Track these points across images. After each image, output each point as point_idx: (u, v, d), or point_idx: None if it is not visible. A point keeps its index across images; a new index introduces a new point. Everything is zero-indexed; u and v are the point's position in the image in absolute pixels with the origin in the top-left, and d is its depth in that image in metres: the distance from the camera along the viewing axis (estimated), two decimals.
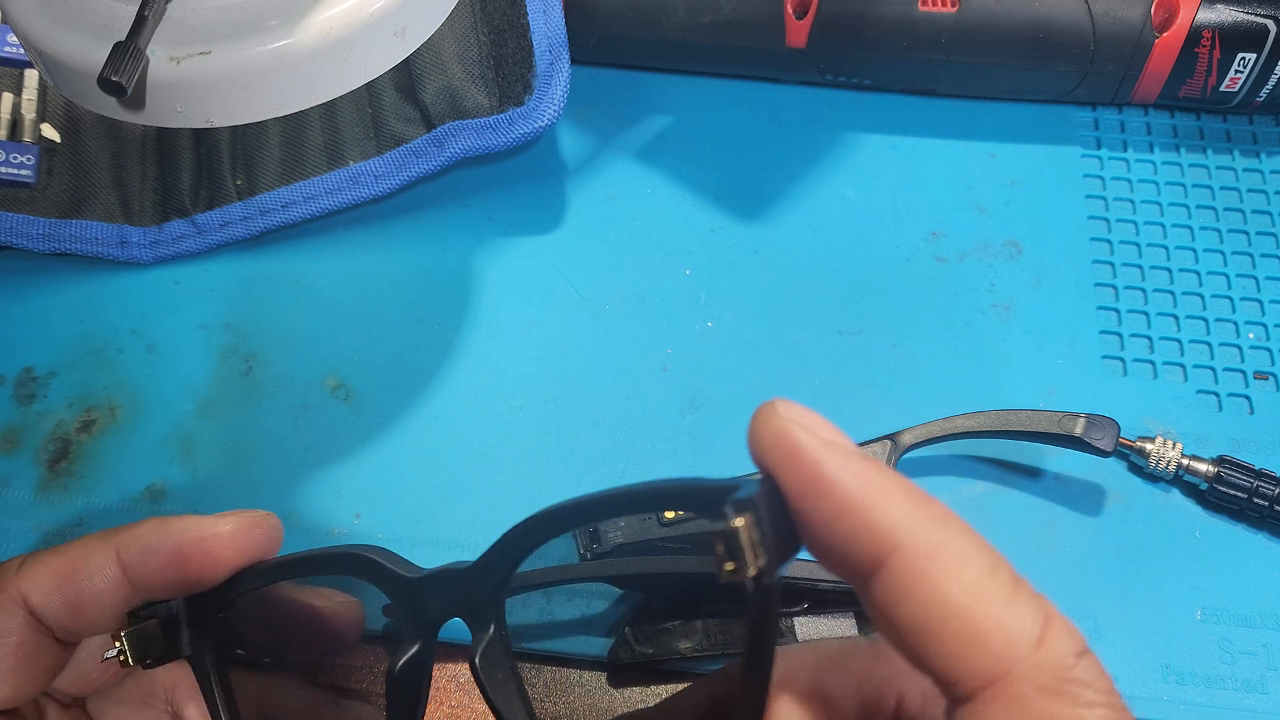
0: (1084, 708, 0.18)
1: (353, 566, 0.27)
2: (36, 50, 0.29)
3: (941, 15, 0.45)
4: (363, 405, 0.41)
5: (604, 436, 0.40)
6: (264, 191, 0.44)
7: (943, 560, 0.18)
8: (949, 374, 0.42)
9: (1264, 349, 0.42)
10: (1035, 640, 0.18)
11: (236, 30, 0.28)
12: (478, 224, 0.45)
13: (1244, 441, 0.40)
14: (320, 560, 0.28)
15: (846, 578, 0.19)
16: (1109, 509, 0.39)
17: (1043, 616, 0.18)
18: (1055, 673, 0.18)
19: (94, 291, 0.43)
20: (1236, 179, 0.47)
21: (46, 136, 0.44)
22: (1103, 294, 0.44)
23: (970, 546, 0.19)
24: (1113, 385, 0.41)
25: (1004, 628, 0.18)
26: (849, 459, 0.19)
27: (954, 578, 0.18)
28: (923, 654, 0.18)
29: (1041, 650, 0.18)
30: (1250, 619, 0.37)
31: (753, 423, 0.20)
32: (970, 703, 0.18)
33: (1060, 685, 0.18)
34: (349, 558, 0.27)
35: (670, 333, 0.43)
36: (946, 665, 0.18)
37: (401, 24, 0.30)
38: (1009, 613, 0.18)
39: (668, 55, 0.48)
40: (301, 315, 0.43)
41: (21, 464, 0.39)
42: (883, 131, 0.48)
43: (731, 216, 0.46)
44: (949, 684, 0.18)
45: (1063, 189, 0.46)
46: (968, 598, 0.18)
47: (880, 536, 0.18)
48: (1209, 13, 0.44)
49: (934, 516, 0.19)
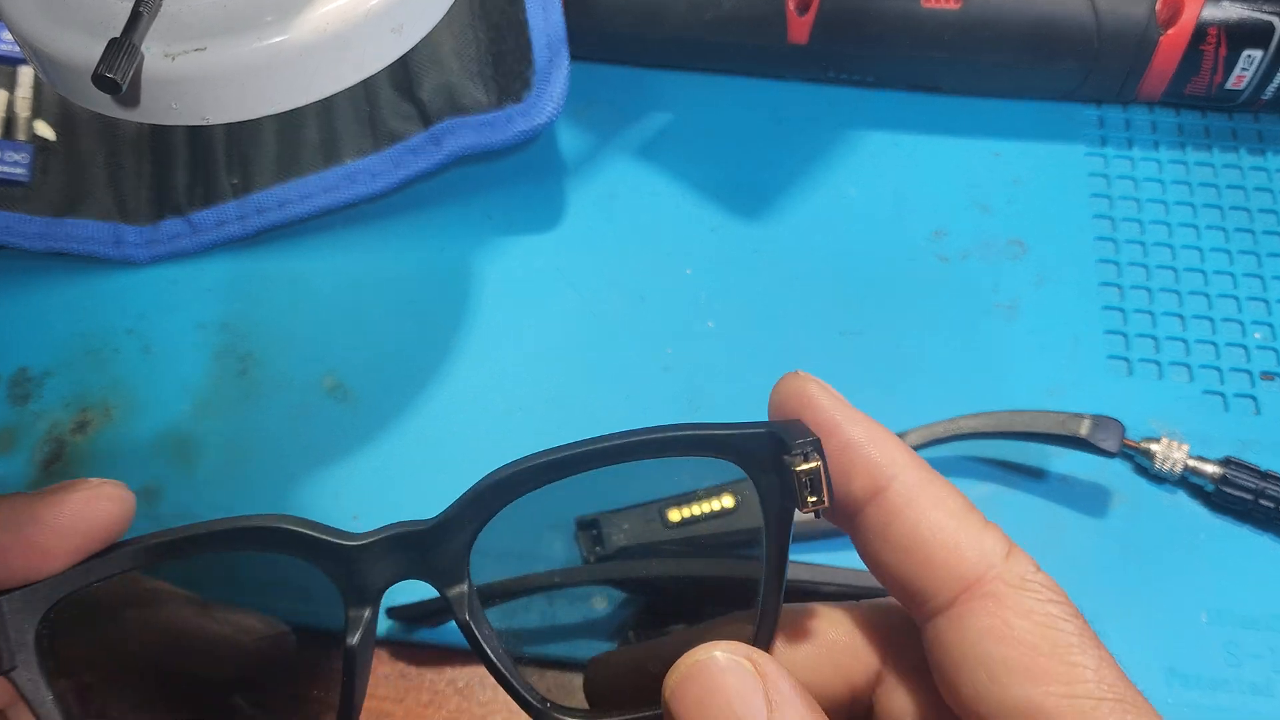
0: (1048, 602, 0.21)
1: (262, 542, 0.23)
2: (31, 47, 0.29)
3: (945, 12, 0.44)
4: (360, 405, 0.41)
5: None
6: (260, 190, 0.44)
7: (929, 492, 0.22)
8: (952, 374, 0.41)
9: (1270, 349, 0.42)
10: (1004, 554, 0.22)
11: (232, 26, 0.28)
12: (476, 222, 0.45)
13: (1250, 442, 0.40)
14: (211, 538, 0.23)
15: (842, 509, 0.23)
16: (1114, 510, 0.39)
17: (1006, 541, 0.22)
18: (1022, 575, 0.22)
19: (89, 291, 0.43)
20: (1242, 177, 0.47)
21: (41, 134, 0.44)
22: (1107, 293, 0.43)
23: (949, 488, 0.22)
24: (1118, 385, 0.41)
25: (980, 543, 0.22)
26: (853, 411, 0.23)
27: (939, 505, 0.22)
28: (909, 569, 0.22)
29: (1009, 561, 0.22)
30: (1256, 621, 0.37)
31: (776, 386, 0.25)
32: (953, 607, 0.21)
33: (1026, 585, 0.22)
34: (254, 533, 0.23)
35: (670, 333, 0.42)
36: (930, 575, 0.22)
37: (399, 20, 0.29)
38: (983, 533, 0.22)
39: (668, 52, 0.48)
40: (299, 315, 0.43)
41: (16, 465, 0.39)
42: (885, 129, 0.48)
43: (732, 215, 0.45)
44: (930, 596, 0.22)
45: (1067, 187, 0.46)
46: (951, 520, 0.22)
47: (878, 470, 0.22)
48: (1214, 9, 0.44)
49: (920, 463, 0.23)
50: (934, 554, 0.22)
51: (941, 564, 0.22)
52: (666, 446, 0.24)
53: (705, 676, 0.21)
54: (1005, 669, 0.21)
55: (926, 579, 0.22)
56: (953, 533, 0.22)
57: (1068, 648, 0.21)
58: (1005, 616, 0.21)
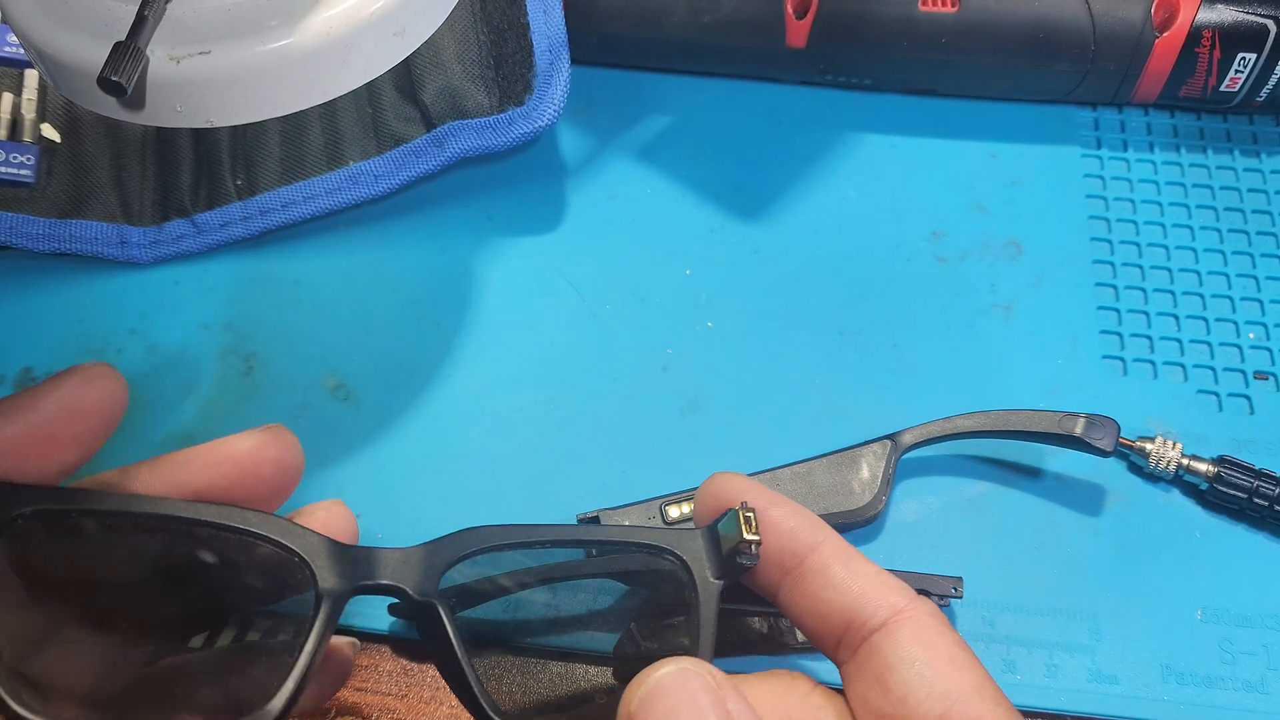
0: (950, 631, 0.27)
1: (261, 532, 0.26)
2: (36, 50, 0.29)
3: (942, 15, 0.45)
4: (363, 405, 0.41)
5: (604, 436, 0.40)
6: (264, 191, 0.44)
7: (851, 550, 0.28)
8: (949, 374, 0.42)
9: (1264, 349, 0.42)
10: (915, 594, 0.27)
11: (236, 30, 0.28)
12: (478, 224, 0.45)
13: (1244, 441, 0.40)
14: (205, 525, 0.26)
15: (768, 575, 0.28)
16: (1109, 509, 0.39)
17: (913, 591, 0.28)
18: (932, 609, 0.27)
19: (93, 291, 0.43)
20: (1237, 179, 0.47)
21: (46, 136, 0.44)
22: (1103, 294, 0.44)
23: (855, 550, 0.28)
24: (1113, 385, 0.42)
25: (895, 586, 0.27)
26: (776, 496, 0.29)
27: (860, 559, 0.28)
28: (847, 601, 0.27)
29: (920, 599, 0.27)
30: (1251, 619, 0.37)
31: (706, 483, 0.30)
32: (885, 626, 0.26)
33: (935, 614, 0.27)
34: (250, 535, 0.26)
35: (670, 333, 0.43)
36: (865, 605, 0.27)
37: (401, 24, 0.30)
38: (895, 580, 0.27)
39: (668, 55, 0.48)
40: (301, 315, 0.43)
41: None
42: (883, 131, 0.48)
43: (732, 216, 0.46)
44: (865, 620, 0.26)
45: (1063, 189, 0.47)
46: (872, 568, 0.27)
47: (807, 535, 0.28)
48: (1209, 13, 0.44)
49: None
50: (867, 588, 0.27)
51: (875, 595, 0.27)
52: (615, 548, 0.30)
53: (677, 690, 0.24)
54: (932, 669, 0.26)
55: (862, 608, 0.27)
56: (878, 574, 0.27)
57: (973, 662, 0.26)
58: (928, 635, 0.26)
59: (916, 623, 0.26)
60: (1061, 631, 0.36)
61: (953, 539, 0.38)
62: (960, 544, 0.38)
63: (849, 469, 0.38)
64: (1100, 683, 0.36)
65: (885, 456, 0.38)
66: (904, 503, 0.39)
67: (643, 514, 0.38)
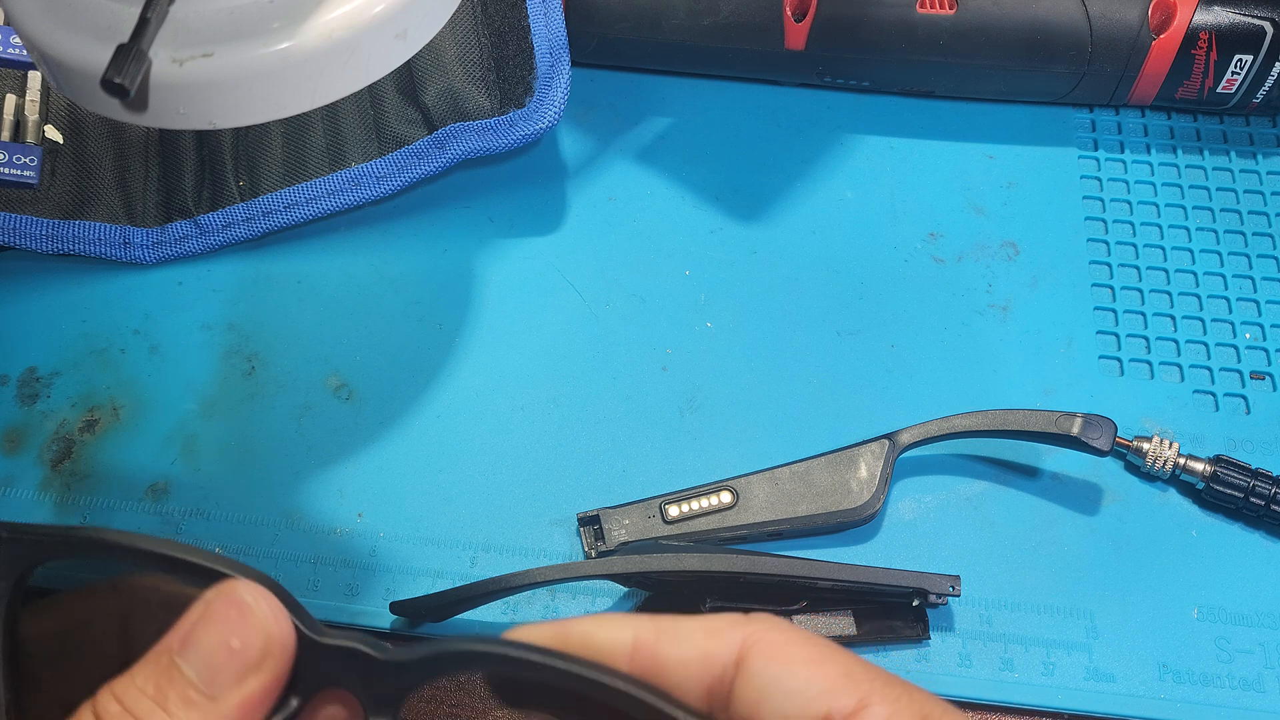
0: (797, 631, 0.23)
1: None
2: (39, 52, 0.29)
3: (939, 17, 0.45)
4: (365, 405, 0.41)
5: (604, 436, 0.40)
6: (266, 192, 0.44)
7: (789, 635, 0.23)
8: (947, 374, 0.42)
9: (1260, 349, 0.43)
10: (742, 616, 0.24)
11: (239, 32, 0.28)
12: (479, 225, 0.46)
13: (1240, 441, 0.40)
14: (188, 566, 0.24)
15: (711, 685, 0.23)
16: (1106, 508, 0.39)
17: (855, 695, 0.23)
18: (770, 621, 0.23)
19: (97, 292, 0.43)
20: (1233, 180, 0.47)
21: (49, 138, 0.44)
22: (1100, 294, 0.44)
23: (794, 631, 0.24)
24: (1109, 385, 0.42)
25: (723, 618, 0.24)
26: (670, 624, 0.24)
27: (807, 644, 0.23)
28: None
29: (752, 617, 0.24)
30: (1247, 617, 0.37)
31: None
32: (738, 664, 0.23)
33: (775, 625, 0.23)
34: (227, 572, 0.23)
35: (670, 333, 0.43)
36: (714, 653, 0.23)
37: (403, 26, 0.30)
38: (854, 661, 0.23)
39: (668, 57, 0.48)
40: (304, 315, 0.43)
41: (25, 464, 0.40)
42: (881, 133, 0.48)
43: (731, 218, 0.46)
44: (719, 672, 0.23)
45: (1060, 190, 0.47)
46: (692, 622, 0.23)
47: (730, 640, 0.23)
48: (1206, 14, 0.44)
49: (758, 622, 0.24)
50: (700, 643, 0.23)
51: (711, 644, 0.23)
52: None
53: None
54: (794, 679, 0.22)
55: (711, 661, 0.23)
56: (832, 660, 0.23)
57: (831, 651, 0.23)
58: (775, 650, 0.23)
59: (761, 645, 0.23)
60: (1058, 630, 0.37)
61: (950, 538, 0.38)
62: (958, 543, 0.38)
63: (847, 468, 0.38)
64: (1097, 681, 0.36)
65: (883, 456, 0.38)
66: (902, 502, 0.39)
67: (642, 513, 0.38)
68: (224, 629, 0.22)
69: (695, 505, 0.38)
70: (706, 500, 0.38)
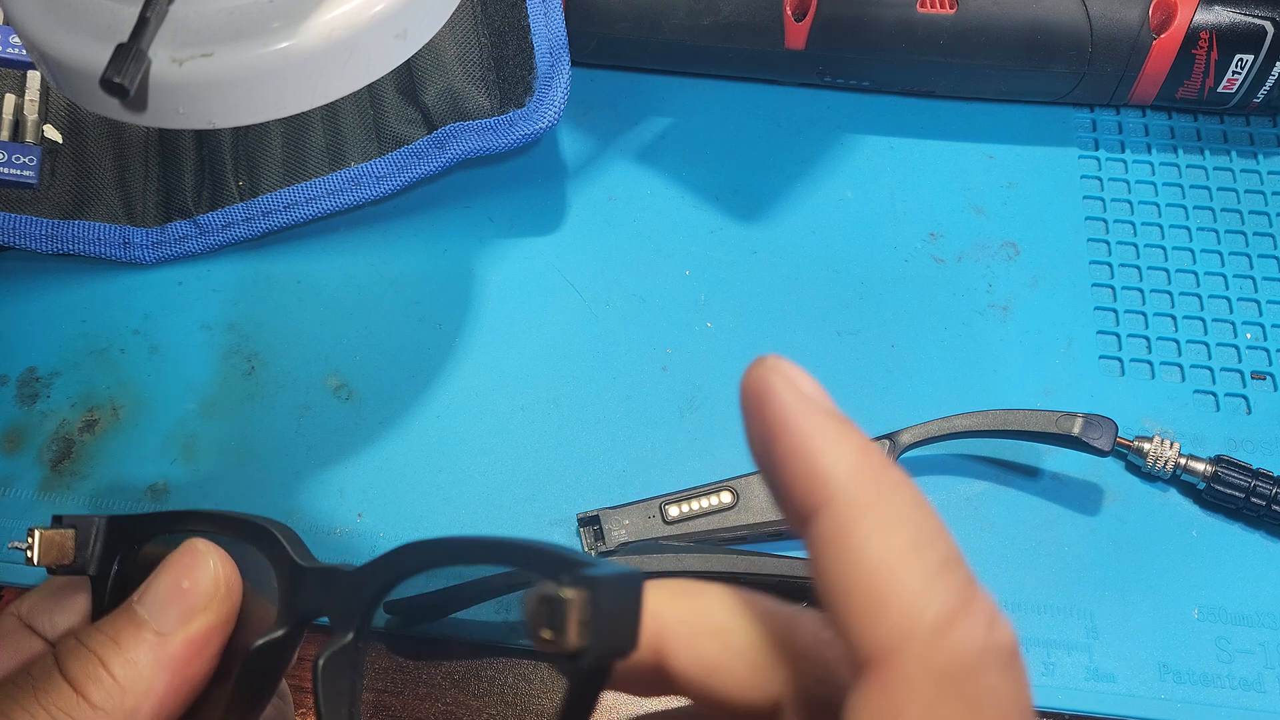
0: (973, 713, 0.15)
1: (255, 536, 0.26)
2: (39, 52, 0.29)
3: (940, 17, 0.45)
4: (364, 405, 0.41)
5: (604, 436, 0.40)
6: (266, 192, 0.44)
7: (870, 520, 0.17)
8: (947, 374, 0.42)
9: (1261, 349, 0.43)
10: (939, 623, 0.16)
11: (239, 32, 0.28)
12: (479, 225, 0.46)
13: (1241, 441, 0.40)
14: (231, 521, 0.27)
15: (791, 524, 0.18)
16: (1106, 508, 0.39)
17: (962, 602, 0.16)
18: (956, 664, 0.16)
19: (97, 292, 0.43)
20: (1234, 180, 0.47)
21: (49, 138, 0.44)
22: (1100, 294, 0.44)
23: (908, 514, 0.17)
24: (1110, 385, 0.42)
25: (908, 601, 0.16)
26: (813, 409, 0.18)
27: (875, 540, 0.17)
28: (832, 613, 0.17)
29: (947, 635, 0.16)
30: (1247, 618, 0.37)
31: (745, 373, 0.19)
32: (860, 677, 0.16)
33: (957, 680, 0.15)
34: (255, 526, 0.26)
35: (670, 333, 0.43)
36: (849, 630, 0.17)
37: (403, 26, 0.30)
38: (921, 587, 0.16)
39: (668, 57, 0.48)
40: (304, 315, 0.43)
41: (24, 464, 0.40)
42: (881, 133, 0.48)
43: (731, 217, 0.46)
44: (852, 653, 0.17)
45: (1060, 190, 0.47)
46: (883, 562, 0.16)
47: (818, 485, 0.17)
48: (1206, 14, 0.44)
49: (878, 477, 0.17)
50: (855, 607, 0.16)
51: (861, 622, 0.16)
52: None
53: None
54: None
55: (848, 633, 0.17)
56: (879, 579, 0.16)
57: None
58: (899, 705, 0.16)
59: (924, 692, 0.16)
60: (1059, 630, 0.37)
61: None
62: (958, 543, 0.38)
63: None
64: (1097, 681, 0.36)
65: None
66: None
67: (642, 513, 0.38)
68: (176, 573, 0.25)
69: (695, 505, 0.38)
70: (706, 500, 0.38)
